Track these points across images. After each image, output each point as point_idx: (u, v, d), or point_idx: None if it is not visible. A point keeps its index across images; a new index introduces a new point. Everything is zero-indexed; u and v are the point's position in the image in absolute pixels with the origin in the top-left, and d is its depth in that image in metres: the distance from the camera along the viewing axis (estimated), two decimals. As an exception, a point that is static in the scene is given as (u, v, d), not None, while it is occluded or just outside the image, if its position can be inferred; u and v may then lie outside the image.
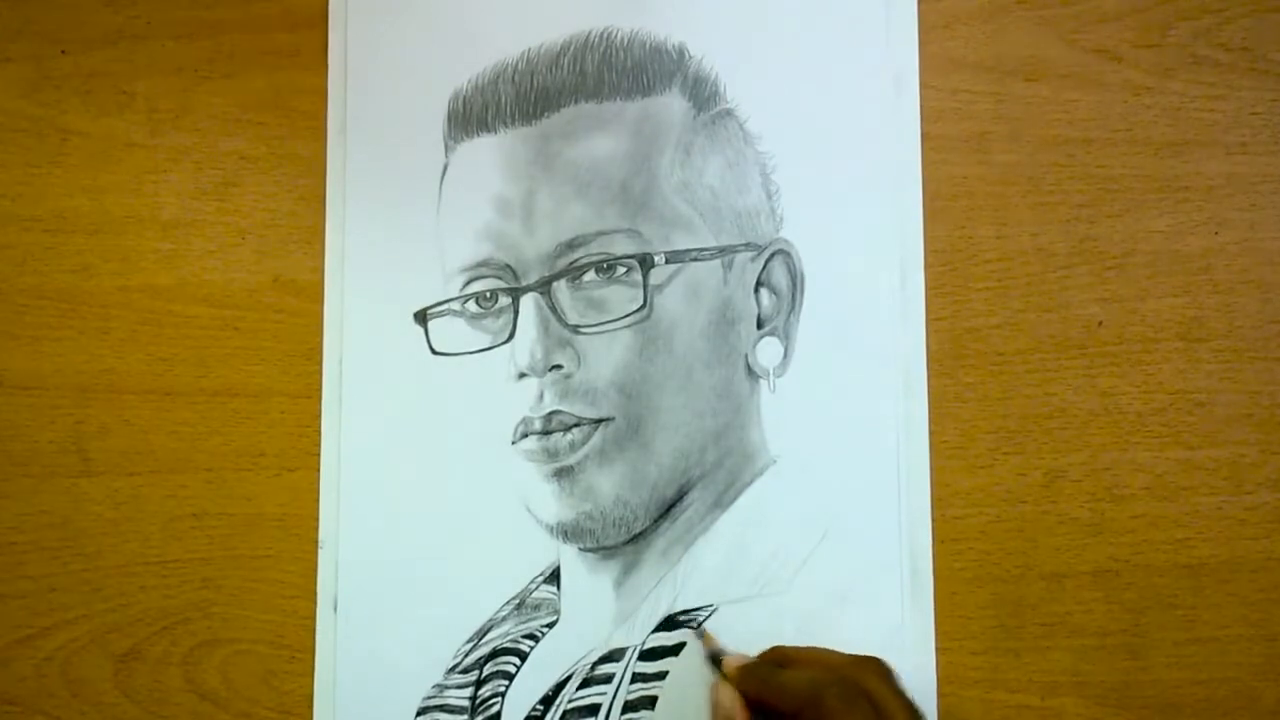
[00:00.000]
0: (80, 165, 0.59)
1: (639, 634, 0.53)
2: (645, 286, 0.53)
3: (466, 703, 0.54)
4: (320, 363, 0.57)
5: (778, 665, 0.48)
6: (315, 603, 0.55)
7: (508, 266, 0.55)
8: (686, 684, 0.52)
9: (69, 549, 0.57)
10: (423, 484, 0.55)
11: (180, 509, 0.57)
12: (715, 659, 0.50)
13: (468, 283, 0.55)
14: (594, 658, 0.53)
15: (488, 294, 0.55)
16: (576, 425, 0.53)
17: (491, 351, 0.55)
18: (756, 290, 0.54)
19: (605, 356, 0.53)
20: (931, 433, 0.53)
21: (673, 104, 0.55)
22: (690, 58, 0.55)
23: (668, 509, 0.54)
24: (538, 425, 0.54)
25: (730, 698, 0.48)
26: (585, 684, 0.53)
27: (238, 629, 0.56)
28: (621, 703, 0.52)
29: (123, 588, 0.57)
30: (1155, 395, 0.52)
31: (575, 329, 0.54)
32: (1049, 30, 0.54)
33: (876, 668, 0.46)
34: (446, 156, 0.57)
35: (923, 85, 0.54)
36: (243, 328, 0.57)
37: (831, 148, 0.54)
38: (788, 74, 0.55)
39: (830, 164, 0.54)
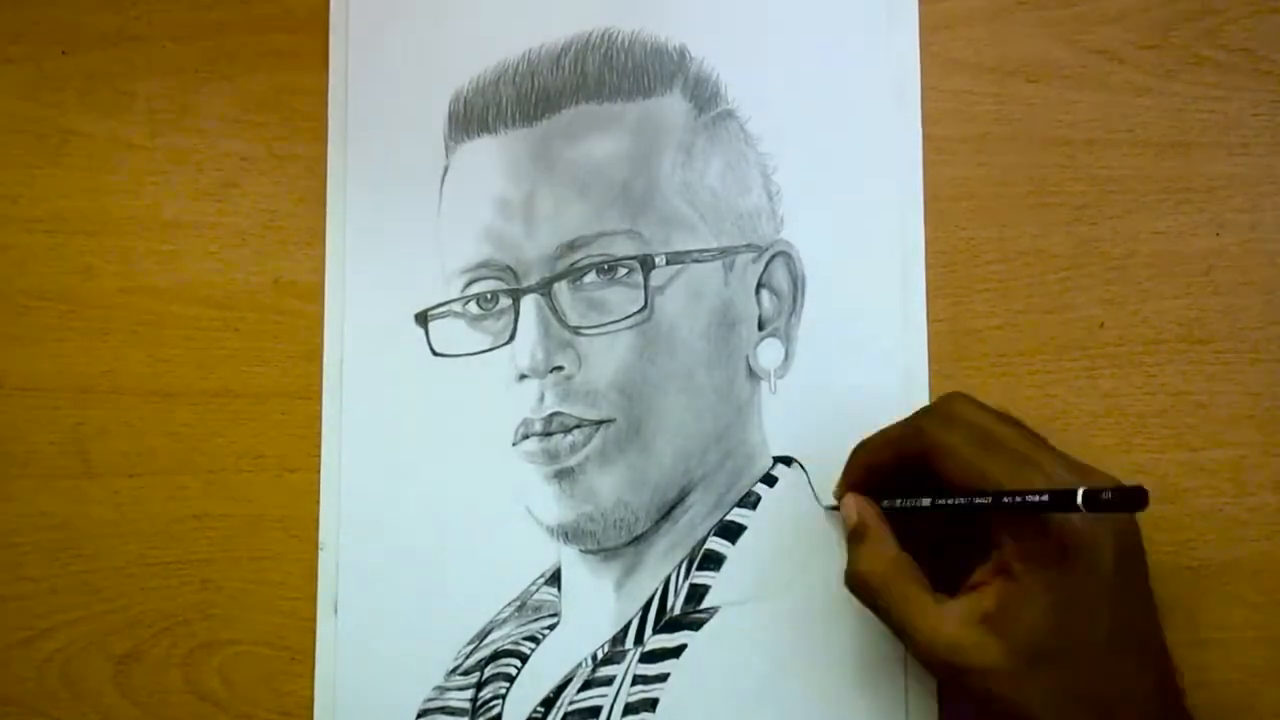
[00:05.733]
0: (80, 166, 0.59)
1: (640, 636, 0.53)
2: (646, 288, 0.53)
3: (467, 705, 0.54)
4: (321, 364, 0.57)
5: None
6: (316, 604, 0.55)
7: (508, 268, 0.55)
8: (688, 686, 0.52)
9: (69, 550, 0.57)
10: (423, 486, 0.55)
11: (181, 510, 0.57)
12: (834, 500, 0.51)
13: (468, 284, 0.55)
14: (595, 659, 0.53)
15: (488, 295, 0.55)
16: (577, 427, 0.53)
17: (492, 353, 0.55)
18: (757, 291, 0.54)
19: (606, 358, 0.53)
20: (933, 434, 0.52)
21: (674, 105, 0.55)
22: (691, 59, 0.55)
23: (669, 510, 0.53)
24: (538, 427, 0.54)
25: (849, 504, 0.49)
26: (586, 686, 0.53)
27: (238, 631, 0.56)
28: (623, 705, 0.52)
29: (123, 589, 0.57)
30: (1157, 396, 0.52)
31: (576, 330, 0.54)
32: (1051, 31, 0.54)
33: (961, 396, 0.47)
34: (447, 157, 0.57)
35: (924, 86, 0.54)
36: (243, 329, 0.57)
37: (833, 149, 0.54)
38: (789, 76, 0.55)
39: (831, 165, 0.54)
